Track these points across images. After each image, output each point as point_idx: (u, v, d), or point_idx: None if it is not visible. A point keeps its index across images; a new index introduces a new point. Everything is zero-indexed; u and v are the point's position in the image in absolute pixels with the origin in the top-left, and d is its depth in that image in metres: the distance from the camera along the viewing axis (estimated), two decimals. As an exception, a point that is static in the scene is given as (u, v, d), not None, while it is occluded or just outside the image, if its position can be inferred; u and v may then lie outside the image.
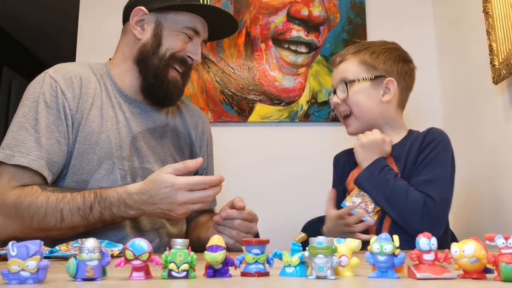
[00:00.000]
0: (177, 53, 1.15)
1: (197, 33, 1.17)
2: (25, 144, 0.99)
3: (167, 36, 1.14)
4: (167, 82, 1.14)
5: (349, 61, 1.32)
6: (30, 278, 0.45)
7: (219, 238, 0.53)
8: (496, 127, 1.51)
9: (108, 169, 1.06)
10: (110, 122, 1.10)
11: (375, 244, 0.49)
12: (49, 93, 1.05)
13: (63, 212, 0.95)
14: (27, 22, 3.91)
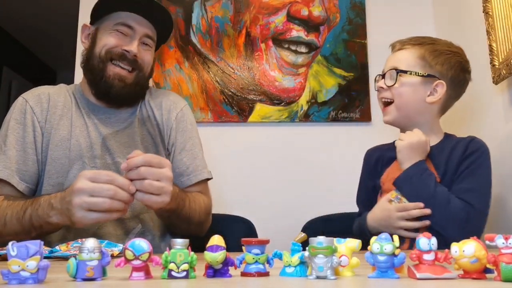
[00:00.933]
0: (112, 48, 1.18)
1: (130, 28, 1.20)
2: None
3: (101, 37, 1.20)
4: (107, 78, 1.18)
5: (407, 51, 1.28)
6: (30, 278, 0.45)
7: (219, 238, 0.53)
8: (496, 127, 1.51)
9: (78, 168, 1.14)
10: (80, 129, 1.19)
11: (375, 244, 0.49)
12: (19, 111, 1.18)
13: (6, 217, 1.01)
14: (27, 22, 3.91)
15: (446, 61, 1.26)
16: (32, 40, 4.27)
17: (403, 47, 1.29)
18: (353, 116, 1.99)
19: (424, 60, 1.26)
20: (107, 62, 1.18)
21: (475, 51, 1.65)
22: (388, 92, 1.28)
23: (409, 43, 1.29)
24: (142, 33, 1.22)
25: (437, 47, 1.28)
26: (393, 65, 1.28)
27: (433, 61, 1.26)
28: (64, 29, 3.79)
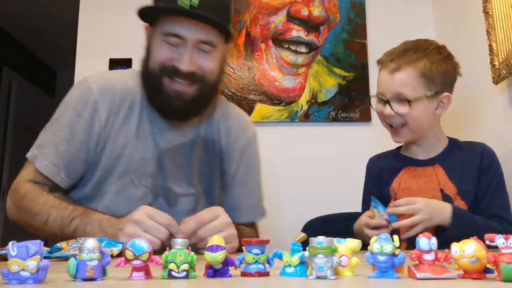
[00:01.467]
0: (164, 63, 1.04)
1: (179, 38, 1.02)
2: (47, 148, 1.06)
3: (153, 46, 1.07)
4: (161, 94, 1.04)
5: (407, 72, 1.20)
6: (30, 278, 0.45)
7: (219, 238, 0.53)
8: (496, 127, 1.51)
9: (125, 184, 1.06)
10: (138, 138, 1.07)
11: (375, 244, 0.49)
12: (82, 102, 1.06)
13: (49, 217, 0.99)
14: (27, 22, 3.91)
15: (445, 70, 1.23)
16: (32, 40, 4.26)
17: (401, 68, 1.21)
18: (353, 116, 1.99)
19: (425, 77, 1.20)
20: (162, 77, 1.04)
21: (475, 51, 1.65)
22: (399, 118, 1.22)
23: (404, 62, 1.21)
24: (195, 40, 1.02)
25: (432, 58, 1.22)
26: (397, 90, 1.21)
27: (434, 75, 1.21)
28: (64, 29, 3.79)
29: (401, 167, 1.29)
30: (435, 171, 1.24)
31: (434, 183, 1.22)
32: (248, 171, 1.20)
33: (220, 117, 1.18)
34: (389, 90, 1.23)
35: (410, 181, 1.25)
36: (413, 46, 1.26)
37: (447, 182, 1.22)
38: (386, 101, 1.23)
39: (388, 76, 1.23)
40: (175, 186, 1.10)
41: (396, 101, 1.21)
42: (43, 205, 1.00)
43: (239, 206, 1.17)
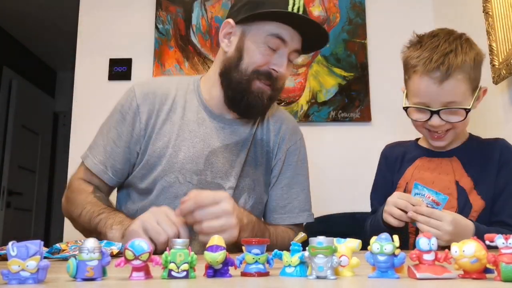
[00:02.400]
0: (260, 67, 1.09)
1: (283, 42, 1.08)
2: (97, 149, 1.15)
3: (248, 49, 1.09)
4: (248, 95, 1.10)
5: (456, 79, 1.10)
6: (30, 278, 0.45)
7: (219, 238, 0.53)
8: (496, 127, 1.51)
9: (169, 181, 1.11)
10: (183, 137, 1.13)
11: (375, 244, 0.49)
12: (127, 106, 1.15)
13: (83, 210, 1.05)
14: (27, 22, 3.91)
15: (479, 62, 1.16)
16: (32, 40, 4.27)
17: (449, 76, 1.10)
18: (353, 116, 1.99)
19: (470, 78, 1.13)
20: (251, 80, 1.09)
21: (475, 51, 1.65)
22: (448, 125, 1.14)
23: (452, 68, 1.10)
24: (293, 48, 1.10)
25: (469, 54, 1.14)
26: (449, 100, 1.11)
27: (476, 72, 1.15)
28: (64, 29, 3.80)
29: (417, 157, 1.24)
30: (452, 163, 1.20)
31: (449, 175, 1.18)
32: (293, 173, 1.22)
33: (272, 118, 1.24)
34: (438, 100, 1.12)
35: (424, 171, 1.20)
36: (449, 45, 1.15)
37: (463, 174, 1.17)
38: (432, 112, 1.12)
39: (435, 86, 1.11)
40: (222, 181, 1.14)
41: (445, 111, 1.12)
42: (82, 200, 1.08)
43: (281, 207, 1.20)
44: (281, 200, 1.20)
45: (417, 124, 1.18)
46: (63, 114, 4.89)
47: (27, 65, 4.40)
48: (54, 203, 4.70)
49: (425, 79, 1.12)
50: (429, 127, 1.16)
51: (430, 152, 1.24)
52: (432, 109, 1.12)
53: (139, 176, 1.14)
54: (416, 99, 1.15)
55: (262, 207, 1.20)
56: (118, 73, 2.07)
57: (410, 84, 1.17)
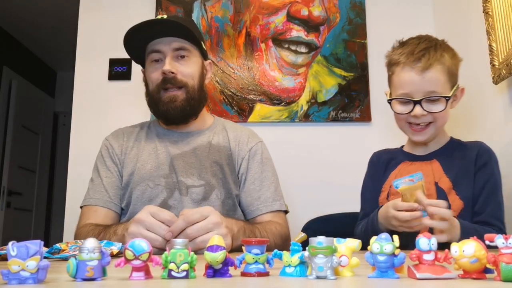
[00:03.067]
0: (157, 80, 1.28)
1: (159, 52, 1.28)
2: (93, 189, 1.29)
3: (148, 75, 1.32)
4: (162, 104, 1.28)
5: (436, 70, 1.20)
6: (30, 278, 0.45)
7: (219, 238, 0.53)
8: (496, 127, 1.51)
9: (142, 189, 1.26)
10: (148, 153, 1.32)
11: (375, 244, 0.49)
12: (104, 149, 1.35)
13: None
14: (27, 22, 3.91)
15: (458, 62, 1.25)
16: (32, 40, 4.27)
17: (430, 66, 1.19)
18: (353, 116, 1.99)
19: (449, 72, 1.22)
20: (159, 92, 1.28)
21: (475, 51, 1.65)
22: (428, 117, 1.21)
23: (433, 59, 1.20)
24: (171, 49, 1.28)
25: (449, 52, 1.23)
26: (430, 89, 1.19)
27: (454, 69, 1.23)
28: (64, 29, 3.80)
29: (400, 161, 1.31)
30: (432, 165, 1.25)
31: (429, 177, 1.22)
32: (261, 170, 1.35)
33: (229, 130, 1.40)
34: (420, 90, 1.20)
35: (405, 174, 1.23)
36: (429, 42, 1.24)
37: (442, 176, 1.22)
38: (415, 102, 1.20)
39: (417, 76, 1.20)
40: (186, 179, 1.26)
41: (426, 100, 1.20)
42: (85, 235, 1.13)
43: (256, 200, 1.30)
44: (255, 193, 1.31)
45: (400, 117, 1.26)
46: (63, 114, 4.89)
47: (27, 65, 4.39)
48: (54, 203, 4.70)
49: (407, 69, 1.22)
50: (412, 119, 1.23)
51: (412, 156, 1.31)
52: (414, 99, 1.20)
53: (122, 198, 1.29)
54: (399, 91, 1.24)
55: (233, 201, 1.30)
56: (118, 73, 2.07)
57: (393, 79, 1.26)
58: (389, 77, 1.29)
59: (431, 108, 1.20)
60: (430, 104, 1.20)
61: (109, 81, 2.07)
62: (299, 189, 1.90)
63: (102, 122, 2.02)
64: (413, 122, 1.23)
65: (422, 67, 1.19)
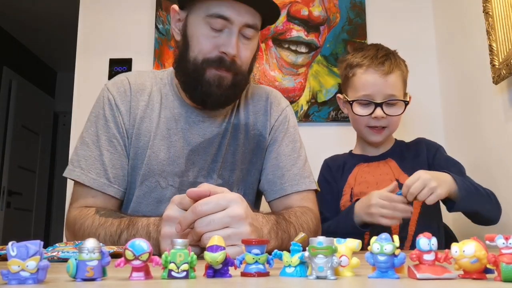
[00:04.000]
0: (208, 53, 0.99)
1: (227, 20, 0.97)
2: (86, 160, 1.01)
3: (192, 35, 1.00)
4: (202, 84, 1.00)
5: (396, 75, 1.28)
6: (30, 278, 0.45)
7: (219, 238, 0.53)
8: (496, 127, 1.51)
9: (150, 186, 1.03)
10: (161, 136, 1.04)
11: (375, 244, 0.49)
12: (108, 108, 1.04)
13: (99, 237, 0.89)
14: (27, 22, 3.91)
15: (407, 72, 1.34)
16: (32, 40, 4.27)
17: (392, 71, 1.27)
18: (353, 116, 1.99)
19: (404, 80, 1.31)
20: (204, 70, 0.99)
21: (475, 51, 1.65)
22: (385, 121, 1.28)
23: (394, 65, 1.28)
24: (241, 23, 0.98)
25: (402, 62, 1.32)
26: (391, 93, 1.27)
27: (406, 78, 1.32)
28: (64, 29, 3.80)
29: (354, 164, 1.36)
30: (389, 164, 1.32)
31: (389, 175, 1.29)
32: (287, 141, 1.12)
33: (252, 98, 1.14)
34: (382, 92, 1.26)
35: (365, 175, 1.32)
36: (387, 50, 1.32)
37: (401, 172, 1.29)
38: (376, 104, 1.26)
39: (381, 79, 1.25)
40: (204, 179, 1.05)
41: (386, 103, 1.26)
42: (91, 228, 0.92)
43: (280, 177, 1.08)
44: (278, 170, 1.09)
45: (360, 120, 1.31)
46: (63, 114, 4.89)
47: (27, 65, 4.40)
48: (54, 203, 4.70)
49: (371, 72, 1.26)
50: (372, 121, 1.29)
51: (366, 157, 1.38)
52: (376, 101, 1.25)
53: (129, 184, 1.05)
54: (361, 92, 1.28)
55: (253, 196, 1.10)
56: (118, 73, 2.06)
57: (354, 81, 1.30)
58: (348, 79, 1.33)
59: (390, 111, 1.26)
60: (389, 108, 1.26)
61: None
62: (299, 189, 1.90)
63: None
64: (372, 125, 1.29)
65: (385, 70, 1.25)
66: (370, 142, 1.35)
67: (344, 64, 1.35)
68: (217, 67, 0.99)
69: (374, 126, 1.29)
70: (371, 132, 1.31)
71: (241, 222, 0.72)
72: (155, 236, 0.81)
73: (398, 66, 1.28)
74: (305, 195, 1.09)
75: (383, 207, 1.11)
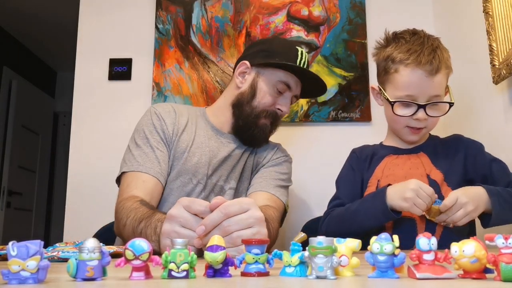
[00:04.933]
0: (268, 107, 1.30)
1: (289, 88, 1.31)
2: (141, 157, 1.21)
3: (261, 89, 1.30)
4: (255, 128, 1.31)
5: (443, 73, 1.17)
6: (30, 278, 0.45)
7: (219, 238, 0.53)
8: (496, 127, 1.51)
9: (184, 181, 1.25)
10: (196, 146, 1.29)
11: (375, 244, 0.49)
12: (155, 119, 1.29)
13: (127, 219, 1.00)
14: (27, 22, 3.91)
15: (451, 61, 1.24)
16: (32, 40, 4.27)
17: (439, 69, 1.16)
18: (353, 116, 1.99)
19: (448, 76, 1.21)
20: (260, 117, 1.31)
21: (475, 51, 1.65)
22: (426, 121, 1.19)
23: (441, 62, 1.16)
24: (295, 93, 1.34)
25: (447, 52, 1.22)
26: (435, 94, 1.16)
27: (451, 71, 1.22)
28: (64, 29, 3.80)
29: (384, 155, 1.29)
30: (420, 158, 1.24)
31: (419, 169, 1.22)
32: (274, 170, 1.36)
33: (270, 144, 1.43)
34: (426, 93, 1.15)
35: (394, 167, 1.25)
36: (433, 41, 1.20)
37: (433, 168, 1.22)
38: (419, 106, 1.15)
39: (427, 79, 1.14)
40: (224, 183, 1.30)
41: (435, 105, 1.17)
42: (127, 209, 1.03)
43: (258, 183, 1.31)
44: (259, 178, 1.33)
45: (399, 120, 1.21)
46: (63, 114, 4.89)
47: (27, 65, 4.40)
48: (54, 203, 4.70)
49: (418, 72, 1.14)
50: (412, 122, 1.19)
51: (397, 149, 1.29)
52: (419, 102, 1.15)
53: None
54: (403, 92, 1.17)
55: None
56: (118, 73, 2.07)
57: (396, 78, 1.18)
58: (388, 73, 1.21)
59: (432, 113, 1.17)
60: (431, 109, 1.17)
61: (109, 81, 2.07)
62: (299, 189, 1.90)
63: (102, 122, 2.02)
64: (412, 125, 1.20)
65: (432, 70, 1.13)
66: (406, 141, 1.27)
67: (384, 56, 1.23)
68: (267, 118, 1.31)
69: (413, 126, 1.21)
70: (409, 131, 1.22)
71: (262, 223, 0.82)
72: (159, 232, 0.87)
73: (445, 63, 1.16)
74: (271, 198, 1.26)
75: (420, 196, 1.06)
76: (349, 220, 1.18)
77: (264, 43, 1.40)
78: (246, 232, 0.79)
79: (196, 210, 0.81)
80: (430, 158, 1.24)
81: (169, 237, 0.81)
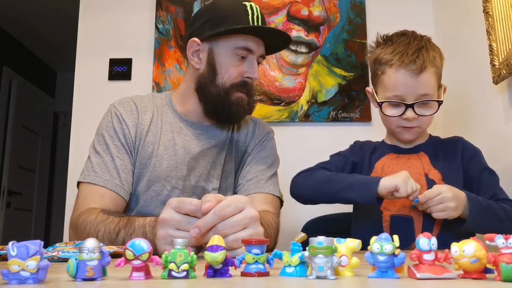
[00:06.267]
0: (235, 79, 1.16)
1: (250, 51, 1.16)
2: (99, 166, 1.12)
3: (221, 64, 1.16)
4: (229, 105, 1.17)
5: (430, 72, 1.17)
6: (30, 278, 0.45)
7: (219, 238, 0.53)
8: (496, 127, 1.51)
9: (156, 190, 1.15)
10: (164, 147, 1.18)
11: (375, 244, 0.49)
12: (116, 121, 1.17)
13: (98, 233, 0.95)
14: (27, 22, 3.91)
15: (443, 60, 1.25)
16: (32, 40, 4.27)
17: (425, 68, 1.16)
18: (353, 116, 2.00)
19: (438, 74, 1.21)
20: (231, 92, 1.16)
21: (475, 51, 1.65)
22: (417, 120, 1.20)
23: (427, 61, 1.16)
24: (259, 54, 1.19)
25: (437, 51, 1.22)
26: (423, 93, 1.17)
27: (441, 71, 1.23)
28: (64, 29, 3.80)
29: (384, 152, 1.30)
30: (420, 157, 1.26)
31: (418, 168, 1.23)
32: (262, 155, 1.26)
33: (249, 123, 1.31)
34: (413, 93, 1.17)
35: (393, 166, 1.26)
36: (419, 41, 1.21)
37: (431, 168, 1.23)
38: (407, 105, 1.17)
39: (412, 79, 1.16)
40: (205, 183, 1.19)
41: (418, 104, 1.17)
42: (92, 223, 0.97)
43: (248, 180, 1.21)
44: (248, 174, 1.22)
45: (390, 121, 1.23)
46: (63, 114, 4.89)
47: (27, 65, 4.40)
48: (54, 203, 4.70)
49: (402, 72, 1.17)
50: (402, 122, 1.21)
51: (398, 148, 1.30)
52: (407, 102, 1.17)
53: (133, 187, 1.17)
54: (391, 93, 1.20)
55: None
56: (118, 73, 2.07)
57: (383, 79, 1.22)
58: (377, 76, 1.25)
59: (422, 112, 1.19)
60: (421, 108, 1.18)
61: (109, 81, 2.07)
62: (299, 189, 1.90)
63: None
64: (403, 125, 1.22)
65: (416, 69, 1.15)
66: (401, 140, 1.28)
67: (373, 58, 1.26)
68: (240, 90, 1.17)
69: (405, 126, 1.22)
70: (402, 130, 1.24)
71: (257, 222, 0.80)
72: (151, 237, 0.84)
73: (431, 61, 1.17)
74: (266, 198, 1.19)
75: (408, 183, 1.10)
76: (331, 182, 1.20)
77: (208, 11, 1.20)
78: (242, 234, 0.77)
79: (187, 210, 0.79)
80: (429, 158, 1.25)
81: (165, 242, 0.79)
